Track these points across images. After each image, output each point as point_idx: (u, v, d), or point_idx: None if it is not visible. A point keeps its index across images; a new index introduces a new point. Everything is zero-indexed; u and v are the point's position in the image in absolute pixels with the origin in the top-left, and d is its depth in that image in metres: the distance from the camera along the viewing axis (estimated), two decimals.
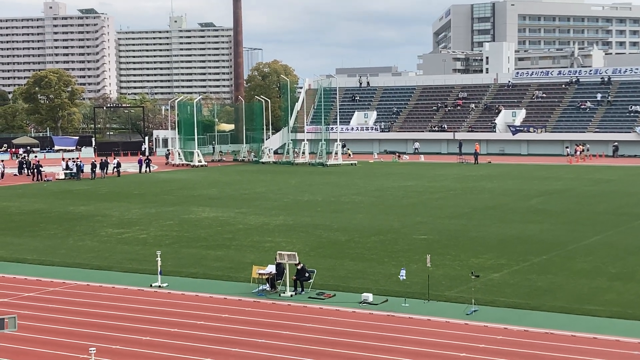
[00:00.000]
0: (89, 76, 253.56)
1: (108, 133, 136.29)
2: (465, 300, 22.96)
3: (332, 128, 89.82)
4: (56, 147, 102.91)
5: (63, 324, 21.50)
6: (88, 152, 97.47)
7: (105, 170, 68.02)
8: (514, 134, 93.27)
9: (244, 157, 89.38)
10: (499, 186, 55.29)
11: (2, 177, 67.20)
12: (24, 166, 71.90)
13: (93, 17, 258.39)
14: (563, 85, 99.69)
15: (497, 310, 22.22)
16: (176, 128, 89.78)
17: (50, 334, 20.55)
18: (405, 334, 20.09)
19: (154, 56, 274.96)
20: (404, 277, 23.75)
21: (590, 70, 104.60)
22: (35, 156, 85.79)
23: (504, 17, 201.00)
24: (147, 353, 18.94)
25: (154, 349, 19.20)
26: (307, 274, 24.73)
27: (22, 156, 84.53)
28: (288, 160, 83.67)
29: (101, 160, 69.57)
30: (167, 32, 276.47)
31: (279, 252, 25.28)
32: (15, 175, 70.85)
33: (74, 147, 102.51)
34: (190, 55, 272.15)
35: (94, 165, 67.37)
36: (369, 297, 23.29)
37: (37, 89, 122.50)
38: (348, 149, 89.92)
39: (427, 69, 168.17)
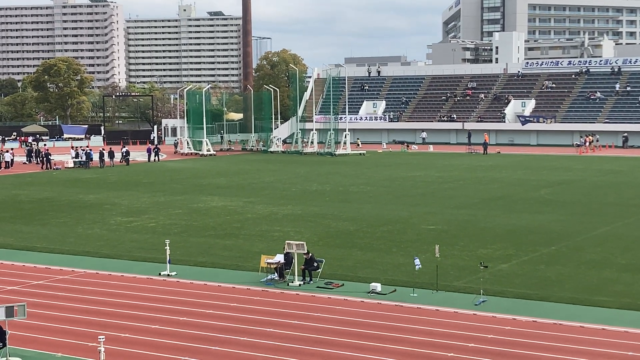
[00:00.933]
0: (98, 65, 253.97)
1: (117, 122, 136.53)
2: (473, 290, 22.93)
3: (340, 118, 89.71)
4: (65, 136, 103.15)
5: (72, 312, 21.58)
6: (97, 141, 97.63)
7: (113, 159, 68.19)
8: (523, 124, 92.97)
9: (252, 146, 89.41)
10: (508, 176, 55.16)
11: (11, 165, 67.41)
12: (33, 154, 72.13)
13: (102, 6, 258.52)
14: (573, 76, 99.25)
15: (505, 300, 22.19)
16: (185, 117, 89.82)
17: (59, 322, 20.63)
18: (413, 324, 20.09)
19: (163, 45, 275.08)
20: (420, 266, 23.68)
21: (601, 61, 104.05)
22: (45, 144, 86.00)
23: (514, 6, 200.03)
24: (155, 341, 18.99)
25: (163, 337, 19.25)
26: (315, 264, 24.74)
27: (31, 144, 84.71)
28: (296, 149, 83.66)
29: (110, 149, 69.79)
30: (176, 20, 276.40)
31: (287, 241, 25.31)
32: (25, 163, 71.09)
33: (83, 136, 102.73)
34: (199, 44, 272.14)
35: (102, 154, 67.50)
36: (378, 287, 23.29)
37: (46, 77, 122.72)
38: (357, 139, 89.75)
39: (437, 59, 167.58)
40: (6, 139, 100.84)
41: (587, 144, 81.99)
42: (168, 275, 25.67)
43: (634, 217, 36.62)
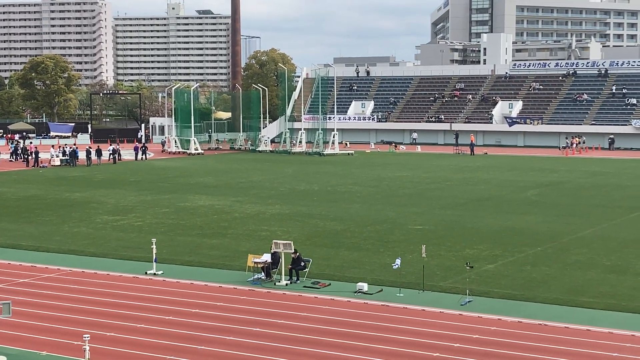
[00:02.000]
0: (86, 62, 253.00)
1: (104, 120, 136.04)
2: (459, 290, 23.00)
3: (329, 117, 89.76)
4: (52, 134, 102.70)
5: (57, 311, 21.50)
6: (84, 139, 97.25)
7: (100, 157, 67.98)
8: (510, 126, 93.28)
9: (240, 145, 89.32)
10: (495, 177, 55.34)
11: None
12: (19, 152, 71.76)
13: (90, 3, 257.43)
14: (560, 77, 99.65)
15: (491, 301, 22.27)
16: (173, 115, 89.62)
17: (44, 321, 20.55)
18: (399, 324, 20.13)
19: (152, 43, 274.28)
20: (398, 266, 23.73)
21: (588, 63, 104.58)
22: (31, 142, 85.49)
23: (502, 8, 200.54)
24: (141, 340, 18.95)
25: (149, 337, 19.21)
26: (302, 263, 24.75)
27: (17, 142, 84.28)
28: (285, 149, 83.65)
29: (98, 147, 69.62)
30: (165, 19, 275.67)
31: (274, 240, 25.31)
32: (11, 161, 70.76)
33: (70, 134, 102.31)
34: (187, 42, 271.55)
35: (88, 152, 67.24)
36: (364, 286, 23.32)
37: (33, 74, 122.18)
38: (344, 142, 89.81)
39: (425, 60, 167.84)
40: None
41: (574, 145, 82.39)
42: (154, 274, 25.62)
43: (619, 218, 36.82)
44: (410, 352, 18.01)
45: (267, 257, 24.91)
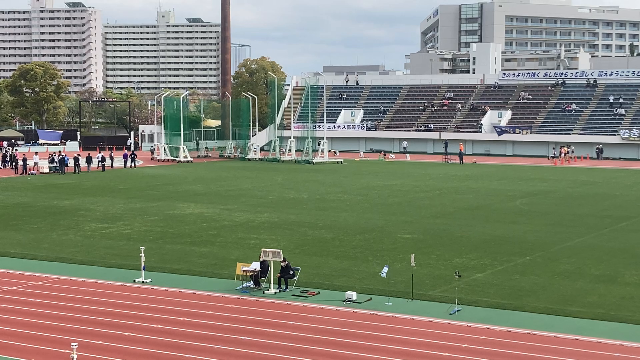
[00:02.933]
0: (75, 70, 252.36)
1: (93, 127, 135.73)
2: (448, 299, 23.01)
3: (318, 126, 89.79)
4: (41, 141, 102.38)
5: (45, 319, 21.39)
6: (73, 146, 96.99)
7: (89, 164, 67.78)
8: (499, 135, 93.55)
9: (230, 153, 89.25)
10: (484, 186, 55.45)
11: None
12: (7, 159, 71.46)
13: (80, 11, 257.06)
14: (549, 87, 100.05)
15: (480, 310, 22.28)
16: (162, 123, 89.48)
17: (32, 329, 20.44)
18: (388, 333, 20.11)
19: (141, 51, 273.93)
20: (385, 274, 23.72)
21: (577, 73, 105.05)
22: (16, 149, 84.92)
23: (491, 18, 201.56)
24: (129, 349, 18.87)
25: (137, 345, 19.13)
26: (291, 272, 24.71)
27: (6, 149, 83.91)
28: (274, 157, 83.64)
29: (88, 154, 69.43)
30: (155, 27, 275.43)
31: (263, 249, 25.26)
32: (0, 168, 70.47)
33: (59, 141, 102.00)
34: (177, 50, 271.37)
35: (77, 159, 67.04)
36: (353, 295, 23.30)
37: (22, 81, 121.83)
38: (333, 149, 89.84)
39: (415, 69, 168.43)
40: None
41: (562, 155, 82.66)
42: (143, 282, 25.52)
43: (607, 228, 36.94)
44: None
45: (256, 266, 24.87)
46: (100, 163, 69.16)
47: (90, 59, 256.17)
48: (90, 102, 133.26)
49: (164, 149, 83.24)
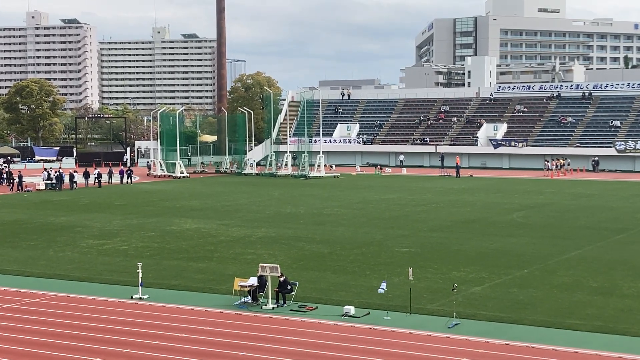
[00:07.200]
0: (71, 86, 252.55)
1: (89, 143, 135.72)
2: (447, 313, 22.97)
3: (314, 140, 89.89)
4: (37, 158, 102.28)
5: (42, 336, 21.31)
6: (69, 163, 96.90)
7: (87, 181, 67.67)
8: (495, 148, 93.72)
9: (226, 168, 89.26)
10: (481, 199, 55.48)
11: None
12: (3, 176, 71.32)
13: (75, 27, 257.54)
14: (544, 100, 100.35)
15: (478, 323, 22.25)
16: (158, 139, 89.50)
17: (29, 346, 20.35)
18: (387, 347, 20.06)
19: (137, 67, 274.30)
20: (383, 290, 23.70)
21: (572, 85, 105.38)
22: (8, 166, 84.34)
23: (486, 31, 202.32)
24: None
25: None
26: (289, 287, 24.66)
27: (2, 166, 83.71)
28: (270, 172, 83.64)
29: (85, 169, 69.34)
30: (150, 42, 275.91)
31: (261, 264, 25.22)
32: None
33: (55, 158, 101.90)
34: (173, 66, 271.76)
35: (72, 176, 66.93)
36: (351, 309, 23.26)
37: (18, 98, 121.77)
38: (324, 162, 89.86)
39: (410, 82, 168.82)
40: None
41: (555, 167, 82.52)
42: (140, 298, 25.45)
43: (605, 240, 36.95)
44: None
45: (253, 281, 24.82)
46: (96, 179, 69.07)
47: (86, 75, 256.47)
48: (86, 118, 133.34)
49: (160, 165, 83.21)
